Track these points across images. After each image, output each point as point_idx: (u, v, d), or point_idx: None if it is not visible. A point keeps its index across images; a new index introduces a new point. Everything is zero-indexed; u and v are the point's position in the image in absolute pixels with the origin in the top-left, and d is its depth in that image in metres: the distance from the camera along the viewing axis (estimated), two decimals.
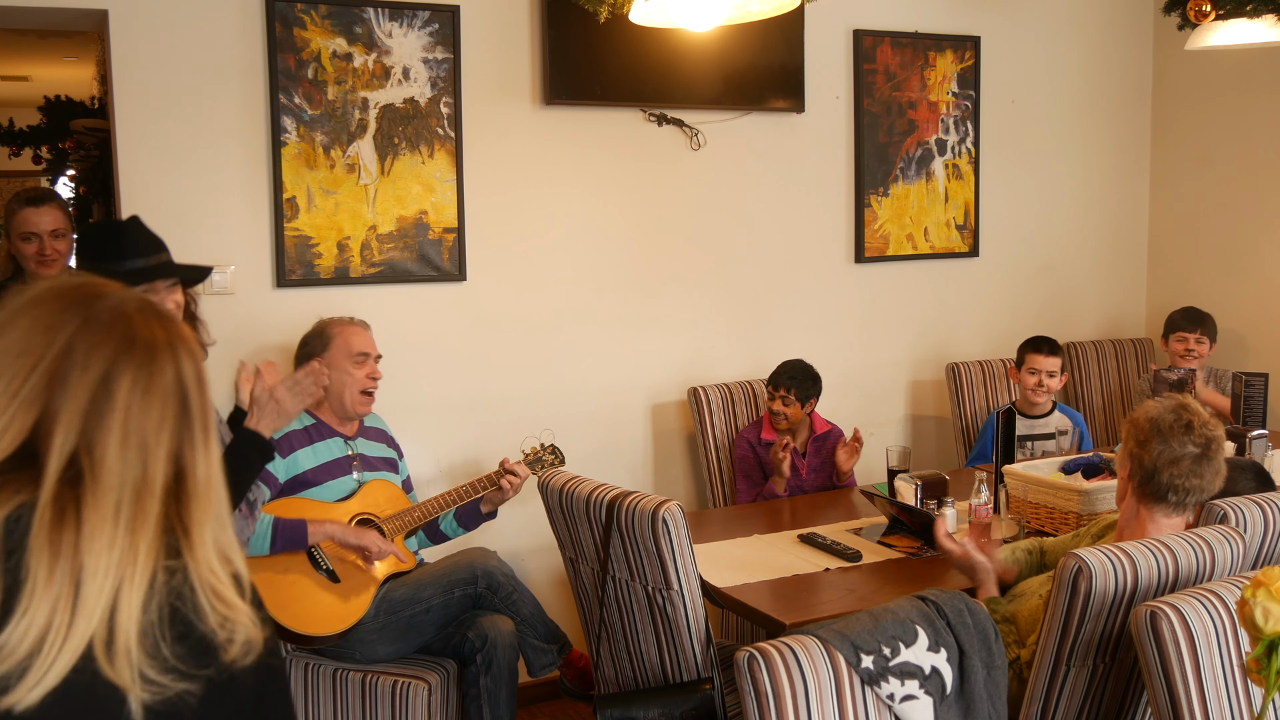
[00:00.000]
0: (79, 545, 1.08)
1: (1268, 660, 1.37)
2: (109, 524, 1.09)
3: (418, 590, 3.15)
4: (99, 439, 1.11)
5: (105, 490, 1.10)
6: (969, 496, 3.22)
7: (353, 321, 3.37)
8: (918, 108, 4.60)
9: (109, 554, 1.08)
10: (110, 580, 1.08)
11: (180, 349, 1.18)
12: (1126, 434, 2.49)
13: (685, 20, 2.95)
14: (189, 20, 3.43)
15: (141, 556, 1.10)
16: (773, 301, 4.41)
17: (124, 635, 1.07)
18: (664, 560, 2.62)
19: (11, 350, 1.13)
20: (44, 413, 1.11)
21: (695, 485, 4.32)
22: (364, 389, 3.31)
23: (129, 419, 1.12)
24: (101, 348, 1.14)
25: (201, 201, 3.48)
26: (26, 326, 1.14)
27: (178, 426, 1.16)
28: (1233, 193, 4.87)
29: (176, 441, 1.15)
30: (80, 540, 1.08)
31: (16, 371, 1.12)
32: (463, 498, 3.34)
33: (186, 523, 1.14)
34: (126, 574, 1.09)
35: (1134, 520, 2.49)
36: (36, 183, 8.94)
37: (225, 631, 1.13)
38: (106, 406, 1.12)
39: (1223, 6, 3.85)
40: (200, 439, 1.17)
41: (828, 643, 1.88)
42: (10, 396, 1.11)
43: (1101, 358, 4.98)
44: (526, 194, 3.94)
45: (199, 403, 1.18)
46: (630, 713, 2.57)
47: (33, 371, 1.11)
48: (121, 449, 1.11)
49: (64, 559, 1.07)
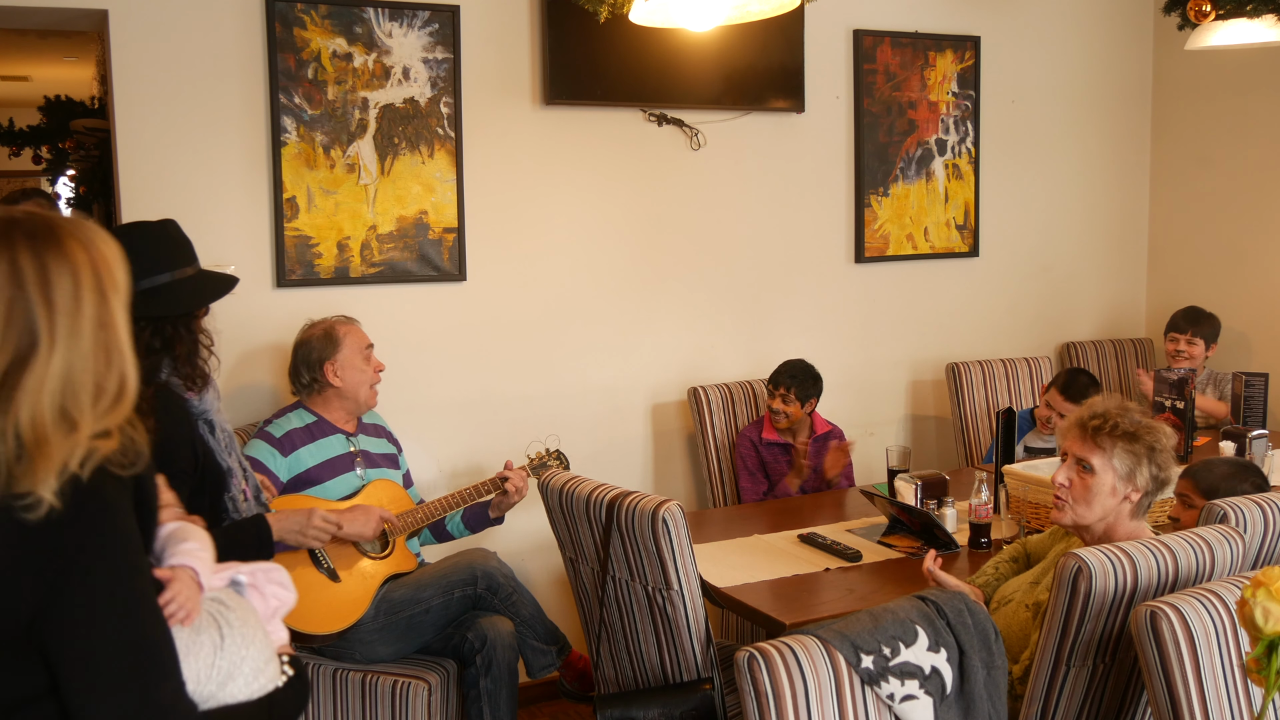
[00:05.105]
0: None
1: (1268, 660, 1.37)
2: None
3: (418, 591, 3.15)
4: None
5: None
6: (969, 496, 3.22)
7: (347, 319, 3.39)
8: (918, 108, 4.60)
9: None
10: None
11: (20, 247, 1.34)
12: (1140, 456, 2.44)
13: (685, 20, 2.95)
14: (189, 20, 3.43)
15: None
16: (773, 301, 4.41)
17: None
18: (664, 560, 2.62)
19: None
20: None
21: (695, 485, 4.32)
22: (374, 382, 3.36)
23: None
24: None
25: (201, 201, 3.48)
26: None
27: (9, 317, 1.32)
28: (1233, 193, 4.87)
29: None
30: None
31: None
32: (466, 500, 3.35)
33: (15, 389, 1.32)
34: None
35: (1114, 524, 2.48)
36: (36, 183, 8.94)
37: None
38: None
39: (1223, 6, 3.84)
40: (44, 328, 1.33)
41: (828, 643, 1.88)
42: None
43: (1101, 358, 4.98)
44: (526, 194, 3.94)
45: (51, 294, 1.34)
46: (630, 713, 2.57)
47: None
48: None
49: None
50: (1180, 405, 3.98)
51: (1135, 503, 2.44)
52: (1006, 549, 2.91)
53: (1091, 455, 2.43)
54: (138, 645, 1.35)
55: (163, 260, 2.30)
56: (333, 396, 3.30)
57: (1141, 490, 2.43)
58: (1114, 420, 2.44)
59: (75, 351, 1.35)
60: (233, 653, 1.50)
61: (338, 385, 3.28)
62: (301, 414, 3.29)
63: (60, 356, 1.33)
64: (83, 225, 1.42)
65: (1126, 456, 2.41)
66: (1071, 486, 2.47)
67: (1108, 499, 2.43)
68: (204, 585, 1.55)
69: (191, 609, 1.48)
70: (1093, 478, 2.43)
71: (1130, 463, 2.41)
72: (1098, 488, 2.43)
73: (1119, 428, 2.42)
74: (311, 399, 3.31)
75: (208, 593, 1.56)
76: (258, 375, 3.60)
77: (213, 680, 1.48)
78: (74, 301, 1.35)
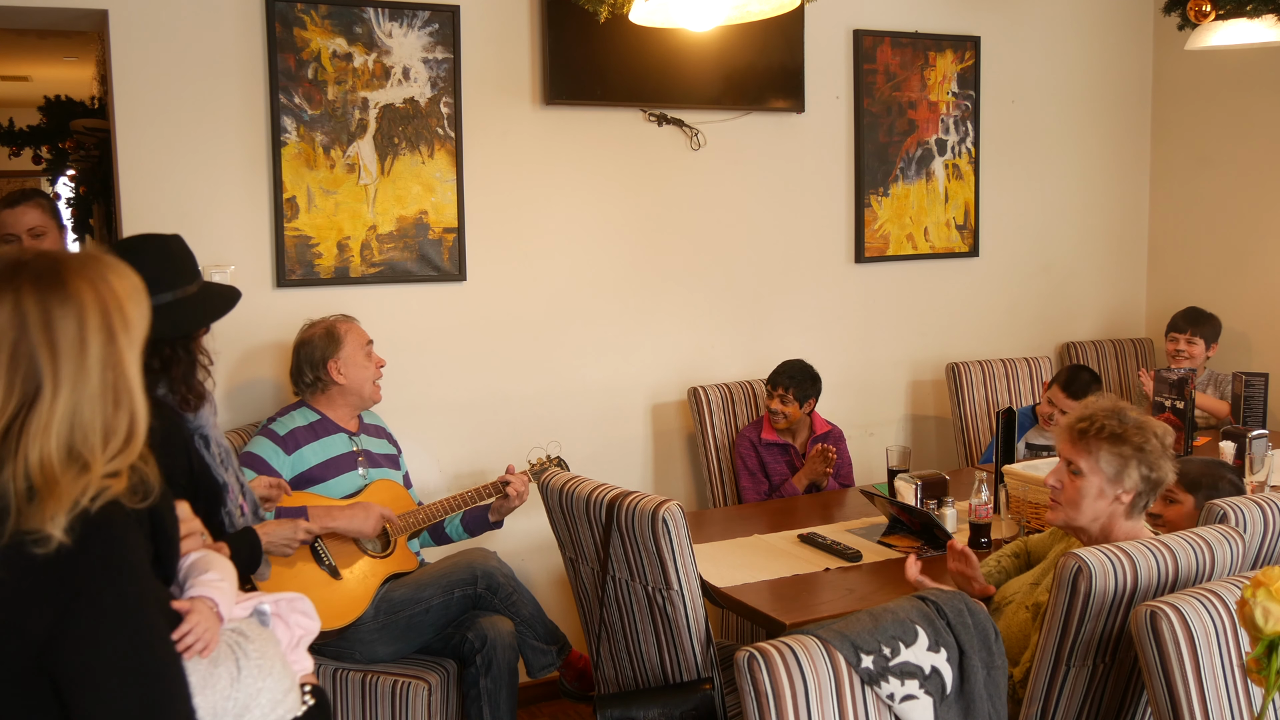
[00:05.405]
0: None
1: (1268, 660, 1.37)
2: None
3: (418, 590, 3.15)
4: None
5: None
6: (969, 496, 3.22)
7: (346, 317, 3.40)
8: (918, 108, 4.60)
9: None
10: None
11: (25, 291, 1.34)
12: (1127, 457, 2.41)
13: (685, 20, 2.95)
14: (189, 20, 3.43)
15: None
16: (773, 301, 4.41)
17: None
18: (664, 560, 2.62)
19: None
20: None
21: (695, 485, 4.32)
22: (377, 378, 3.38)
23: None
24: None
25: (201, 201, 3.48)
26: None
27: (13, 360, 1.33)
28: (1233, 193, 4.87)
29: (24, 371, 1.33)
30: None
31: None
32: (467, 503, 3.35)
33: (22, 434, 1.33)
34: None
35: (1109, 526, 2.47)
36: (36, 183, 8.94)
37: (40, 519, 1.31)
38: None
39: (1223, 6, 3.84)
40: (48, 371, 1.34)
41: (828, 643, 1.88)
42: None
43: (1102, 358, 4.98)
44: (526, 194, 3.94)
45: (55, 336, 1.34)
46: (630, 713, 2.57)
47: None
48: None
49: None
50: (1180, 405, 3.99)
51: (1127, 504, 2.43)
52: (1008, 545, 2.91)
53: (1079, 458, 2.44)
54: (146, 674, 1.34)
55: (165, 279, 2.28)
56: (336, 394, 3.31)
57: (1132, 491, 2.41)
58: (1100, 423, 2.44)
59: (82, 393, 1.35)
60: (249, 684, 1.50)
61: (342, 383, 3.29)
62: (305, 412, 3.30)
63: (65, 399, 1.33)
64: (94, 262, 1.41)
65: (1113, 459, 2.41)
66: (1063, 489, 2.48)
67: (1096, 501, 2.43)
68: (224, 616, 1.55)
69: (210, 640, 1.48)
70: (1081, 480, 2.44)
71: (1117, 465, 2.40)
72: (1085, 490, 2.43)
73: (1104, 430, 2.43)
74: (315, 398, 3.32)
75: (227, 624, 1.56)
76: (257, 375, 3.60)
77: (229, 712, 1.48)
78: (78, 344, 1.35)
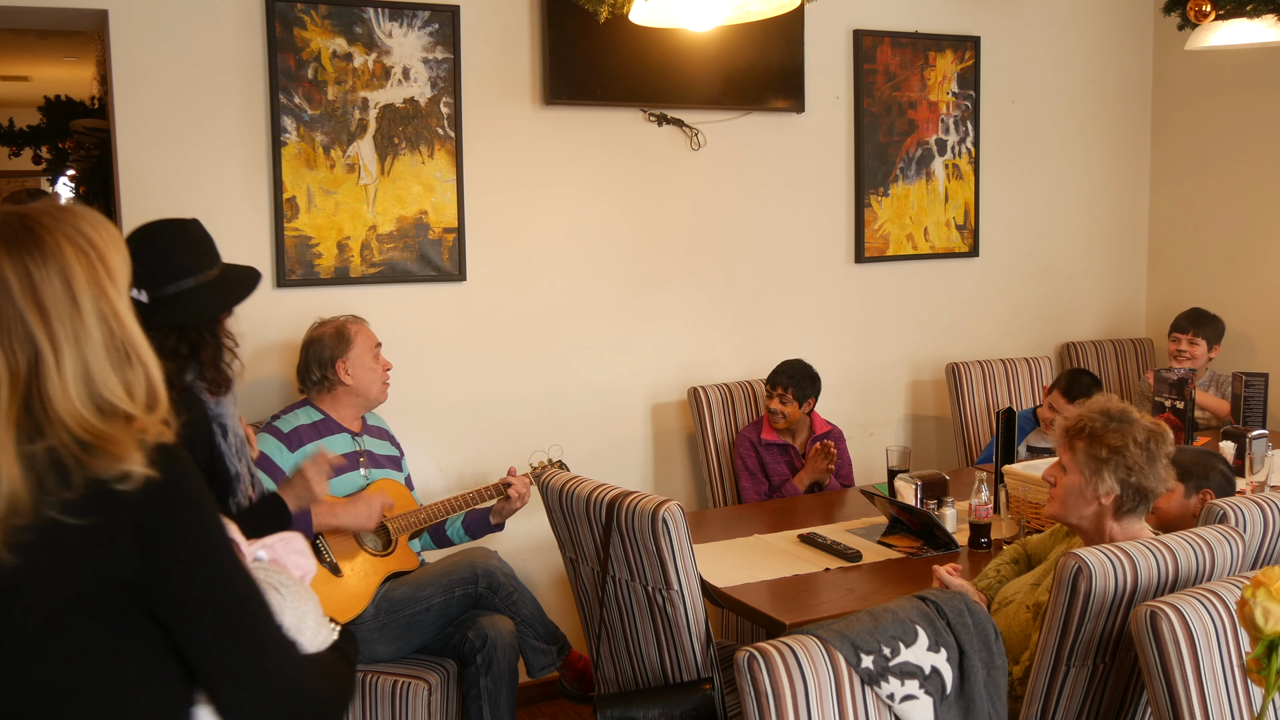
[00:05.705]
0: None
1: (1268, 660, 1.37)
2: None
3: (418, 589, 3.15)
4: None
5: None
6: (969, 496, 3.22)
7: (356, 319, 3.40)
8: (918, 108, 4.60)
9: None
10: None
11: (13, 254, 1.28)
12: (1102, 460, 2.40)
13: (685, 20, 2.95)
14: (189, 20, 3.43)
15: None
16: (772, 301, 4.41)
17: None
18: (664, 560, 2.62)
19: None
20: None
21: (695, 485, 4.32)
22: (384, 380, 3.39)
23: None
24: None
25: (201, 201, 3.48)
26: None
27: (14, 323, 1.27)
28: (1233, 193, 4.87)
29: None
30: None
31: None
32: (468, 504, 3.36)
33: (44, 401, 1.26)
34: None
35: (1099, 526, 2.47)
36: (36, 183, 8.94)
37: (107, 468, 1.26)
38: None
39: (1223, 6, 3.85)
40: (42, 334, 1.27)
41: (828, 643, 1.88)
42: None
43: (1102, 358, 4.98)
44: (526, 194, 3.94)
45: (41, 298, 1.27)
46: (630, 713, 2.57)
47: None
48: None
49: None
50: (1180, 405, 3.99)
51: (1109, 506, 2.42)
52: (1006, 550, 2.91)
53: (1064, 456, 2.48)
54: (245, 597, 1.36)
55: (188, 265, 2.28)
56: (342, 394, 3.31)
57: (1110, 495, 2.40)
58: (1084, 424, 2.45)
59: (87, 351, 1.28)
60: (295, 606, 1.49)
61: (349, 383, 3.29)
62: (309, 411, 3.30)
63: (71, 360, 1.27)
64: (67, 215, 1.34)
65: (1089, 460, 2.41)
66: (1055, 485, 2.52)
67: (1078, 500, 2.45)
68: (245, 555, 1.56)
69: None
70: (1065, 478, 2.47)
71: (1092, 466, 2.41)
72: (1068, 489, 2.46)
73: (1085, 431, 2.44)
74: (320, 397, 3.32)
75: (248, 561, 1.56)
76: (257, 375, 3.60)
77: (292, 630, 1.47)
78: (69, 302, 1.28)
